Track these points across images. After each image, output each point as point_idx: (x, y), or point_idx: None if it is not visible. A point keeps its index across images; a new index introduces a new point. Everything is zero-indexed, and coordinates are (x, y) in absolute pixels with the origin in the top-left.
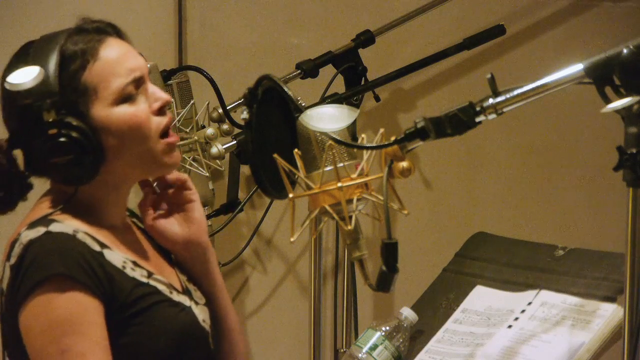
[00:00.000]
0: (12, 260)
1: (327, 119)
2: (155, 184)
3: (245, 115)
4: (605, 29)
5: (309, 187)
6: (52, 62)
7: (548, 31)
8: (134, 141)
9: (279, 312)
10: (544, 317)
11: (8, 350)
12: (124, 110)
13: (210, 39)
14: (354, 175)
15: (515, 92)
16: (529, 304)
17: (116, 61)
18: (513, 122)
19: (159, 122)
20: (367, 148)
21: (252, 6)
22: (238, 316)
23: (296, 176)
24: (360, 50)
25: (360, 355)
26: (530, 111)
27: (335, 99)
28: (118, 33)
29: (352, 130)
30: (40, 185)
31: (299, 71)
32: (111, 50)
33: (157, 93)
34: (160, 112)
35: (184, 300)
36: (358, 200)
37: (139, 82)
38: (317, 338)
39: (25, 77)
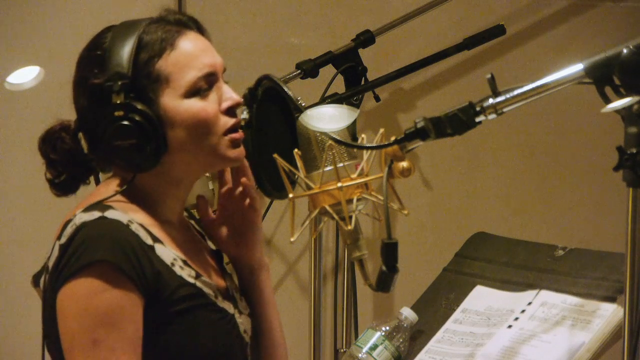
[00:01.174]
0: (63, 239)
1: (327, 119)
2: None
3: (245, 115)
4: (605, 29)
5: (309, 187)
6: (129, 46)
7: (548, 31)
8: (198, 136)
9: (279, 312)
10: (544, 317)
11: (45, 328)
12: (193, 104)
13: (211, 38)
14: (354, 175)
15: (515, 92)
16: (529, 304)
17: (192, 54)
18: (513, 122)
19: (226, 121)
20: (367, 148)
21: (252, 6)
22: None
23: (296, 176)
24: (360, 50)
25: (360, 355)
26: (530, 111)
27: (335, 99)
28: (199, 28)
29: (352, 130)
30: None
31: (299, 71)
32: (189, 43)
33: (228, 93)
34: (230, 112)
35: (228, 307)
36: (358, 200)
37: (212, 79)
38: (317, 338)
39: (24, 77)
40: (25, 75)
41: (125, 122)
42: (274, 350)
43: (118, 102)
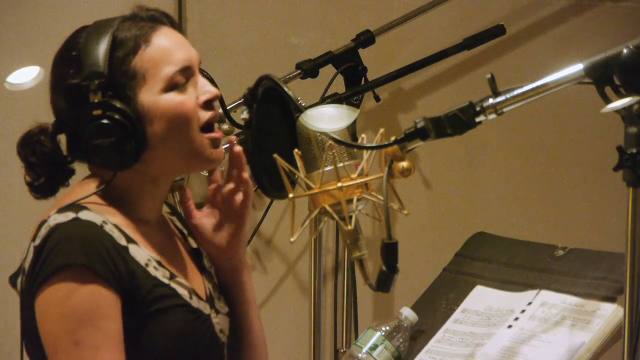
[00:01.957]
0: (37, 241)
1: (327, 119)
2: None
3: (245, 115)
4: (605, 29)
5: (309, 187)
6: (103, 44)
7: (548, 31)
8: (177, 130)
9: (279, 312)
10: (544, 317)
11: (23, 327)
12: (171, 98)
13: (210, 39)
14: (354, 175)
15: (515, 92)
16: (529, 304)
17: (167, 49)
18: (513, 122)
19: (203, 115)
20: (367, 148)
21: (252, 6)
22: (264, 331)
23: (296, 176)
24: (360, 50)
25: (360, 355)
26: (530, 111)
27: (335, 99)
28: (172, 23)
29: (352, 130)
30: (83, 172)
31: (299, 71)
32: (163, 39)
33: (206, 86)
34: (207, 105)
35: (204, 307)
36: (358, 200)
37: (188, 73)
38: (317, 338)
39: (24, 77)
40: (25, 75)
41: (104, 121)
42: (254, 350)
43: (96, 101)
